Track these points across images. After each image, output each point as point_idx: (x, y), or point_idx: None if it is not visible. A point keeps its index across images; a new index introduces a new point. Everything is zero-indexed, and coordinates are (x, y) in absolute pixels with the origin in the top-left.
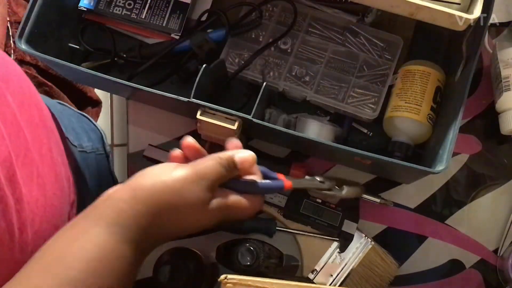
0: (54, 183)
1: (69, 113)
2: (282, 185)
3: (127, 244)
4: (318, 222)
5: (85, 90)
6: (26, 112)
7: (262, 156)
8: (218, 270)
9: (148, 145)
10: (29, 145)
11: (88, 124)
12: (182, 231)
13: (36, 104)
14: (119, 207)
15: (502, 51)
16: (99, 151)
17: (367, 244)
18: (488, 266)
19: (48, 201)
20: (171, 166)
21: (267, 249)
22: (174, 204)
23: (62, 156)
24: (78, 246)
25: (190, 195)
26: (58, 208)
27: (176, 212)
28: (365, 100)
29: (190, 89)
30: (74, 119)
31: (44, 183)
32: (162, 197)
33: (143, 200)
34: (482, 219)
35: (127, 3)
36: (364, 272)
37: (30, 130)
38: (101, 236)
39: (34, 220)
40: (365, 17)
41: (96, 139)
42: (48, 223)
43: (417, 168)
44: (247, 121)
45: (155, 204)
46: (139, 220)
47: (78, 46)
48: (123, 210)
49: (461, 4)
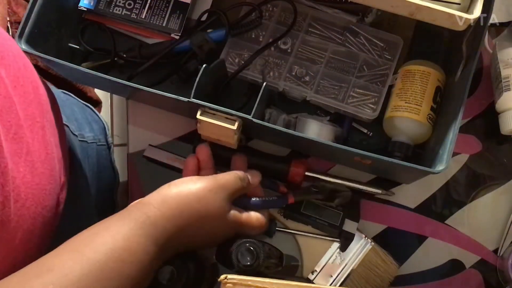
0: (44, 162)
1: (72, 102)
2: (286, 201)
3: (152, 241)
4: (319, 222)
5: (85, 90)
6: (21, 87)
7: (262, 156)
8: (218, 270)
9: (148, 145)
10: (21, 121)
11: (91, 115)
12: (201, 238)
13: (32, 81)
14: (148, 210)
15: (502, 51)
16: (101, 142)
17: (367, 244)
18: (488, 266)
19: (36, 178)
20: (195, 178)
21: (267, 249)
22: (197, 210)
23: (55, 137)
24: (107, 235)
25: (212, 203)
26: (45, 187)
27: (198, 218)
28: (365, 100)
29: (190, 89)
30: (78, 109)
31: (33, 160)
32: (187, 203)
33: (170, 205)
34: (482, 219)
35: (127, 3)
36: (364, 272)
37: (24, 106)
38: (130, 230)
39: (19, 195)
40: (365, 17)
41: (98, 130)
42: (34, 200)
43: (417, 168)
44: (247, 121)
45: (180, 209)
46: (165, 222)
47: (78, 46)
48: (152, 212)
49: (461, 4)
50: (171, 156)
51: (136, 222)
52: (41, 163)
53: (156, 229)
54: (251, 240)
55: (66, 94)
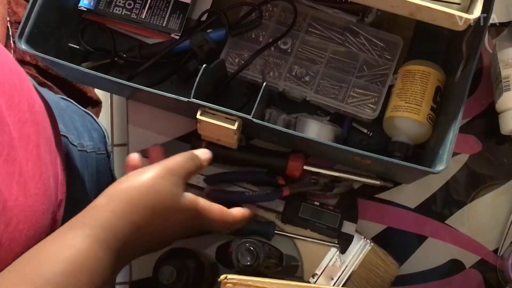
0: (38, 182)
1: (73, 109)
2: (281, 193)
3: (101, 246)
4: (317, 225)
5: (85, 90)
6: (16, 106)
7: (261, 151)
8: (218, 270)
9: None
10: (15, 141)
11: (91, 123)
12: (157, 234)
13: (28, 98)
14: (96, 212)
15: (502, 51)
16: (100, 150)
17: (367, 245)
18: (488, 266)
19: (29, 200)
20: (141, 169)
21: (267, 249)
22: (151, 201)
23: (51, 154)
24: (52, 248)
25: (161, 190)
26: (39, 208)
27: (154, 211)
28: (365, 100)
29: (190, 89)
30: (78, 116)
31: (25, 181)
32: (139, 196)
33: (120, 202)
34: (482, 219)
35: (127, 3)
36: (365, 273)
37: (18, 126)
38: (76, 238)
39: (10, 219)
40: (365, 17)
41: (98, 138)
42: (27, 223)
43: (417, 168)
44: (247, 121)
45: (132, 203)
46: (117, 221)
47: (78, 46)
48: (99, 213)
49: (461, 4)
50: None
51: (83, 227)
52: (34, 184)
53: (104, 231)
54: (251, 240)
55: (66, 101)
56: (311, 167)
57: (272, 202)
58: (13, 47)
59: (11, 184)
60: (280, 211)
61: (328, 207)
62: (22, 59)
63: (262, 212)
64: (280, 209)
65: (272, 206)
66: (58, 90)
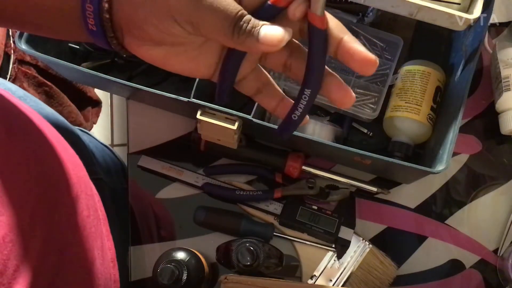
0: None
1: (94, 144)
2: (272, 195)
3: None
4: (315, 229)
5: (85, 90)
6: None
7: (261, 147)
8: (218, 270)
9: (142, 156)
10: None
11: (110, 157)
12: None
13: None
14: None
15: (502, 51)
16: (122, 184)
17: (365, 247)
18: (488, 266)
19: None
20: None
21: (267, 249)
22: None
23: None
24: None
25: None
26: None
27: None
28: (365, 100)
29: (190, 89)
30: (98, 151)
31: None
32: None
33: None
34: (482, 219)
35: None
36: (363, 275)
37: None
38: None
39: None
40: (365, 17)
41: (115, 173)
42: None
43: (417, 168)
44: (247, 121)
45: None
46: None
47: (78, 46)
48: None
49: (461, 4)
50: (166, 165)
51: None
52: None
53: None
54: (251, 240)
55: (87, 134)
56: (310, 168)
57: (270, 204)
58: (13, 47)
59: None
60: (278, 214)
61: (326, 211)
62: (22, 59)
63: (261, 215)
64: (278, 211)
65: (270, 209)
66: (58, 90)
